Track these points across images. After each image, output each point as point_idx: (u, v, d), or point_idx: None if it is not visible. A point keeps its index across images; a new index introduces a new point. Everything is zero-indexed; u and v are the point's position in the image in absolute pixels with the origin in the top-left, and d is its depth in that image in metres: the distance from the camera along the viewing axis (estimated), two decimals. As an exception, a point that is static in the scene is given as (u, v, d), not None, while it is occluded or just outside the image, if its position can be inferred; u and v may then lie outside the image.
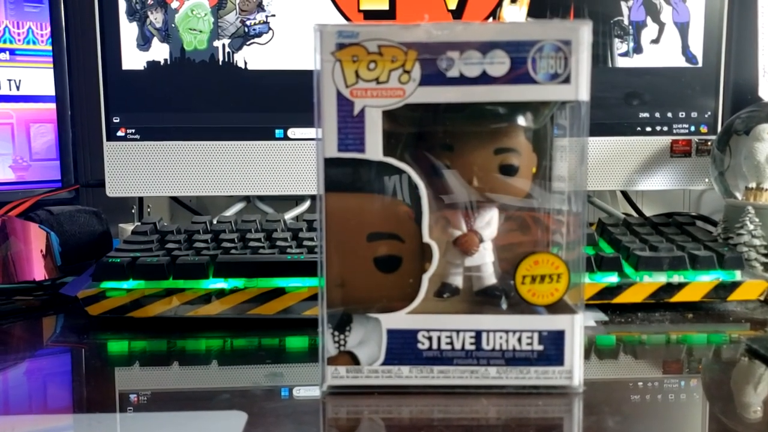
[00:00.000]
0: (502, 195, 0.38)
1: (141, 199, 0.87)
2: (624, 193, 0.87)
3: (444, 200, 0.38)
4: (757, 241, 0.58)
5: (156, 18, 0.75)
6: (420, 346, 0.37)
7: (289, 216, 0.80)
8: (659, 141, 0.77)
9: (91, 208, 0.71)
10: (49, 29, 0.81)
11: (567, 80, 0.35)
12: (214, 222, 0.67)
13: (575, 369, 0.37)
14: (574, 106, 0.36)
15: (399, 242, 0.36)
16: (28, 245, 0.60)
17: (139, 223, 0.71)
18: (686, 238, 0.60)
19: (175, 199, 0.89)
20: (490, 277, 0.39)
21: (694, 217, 0.69)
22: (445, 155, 0.38)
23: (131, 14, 0.75)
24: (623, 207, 0.88)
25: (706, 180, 0.77)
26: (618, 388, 0.40)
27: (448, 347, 0.37)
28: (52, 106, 0.82)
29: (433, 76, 0.35)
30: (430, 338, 0.37)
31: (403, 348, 0.37)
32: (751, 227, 0.58)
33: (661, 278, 0.53)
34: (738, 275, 0.54)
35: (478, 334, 0.37)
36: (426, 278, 0.37)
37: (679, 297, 0.53)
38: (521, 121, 0.38)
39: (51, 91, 0.82)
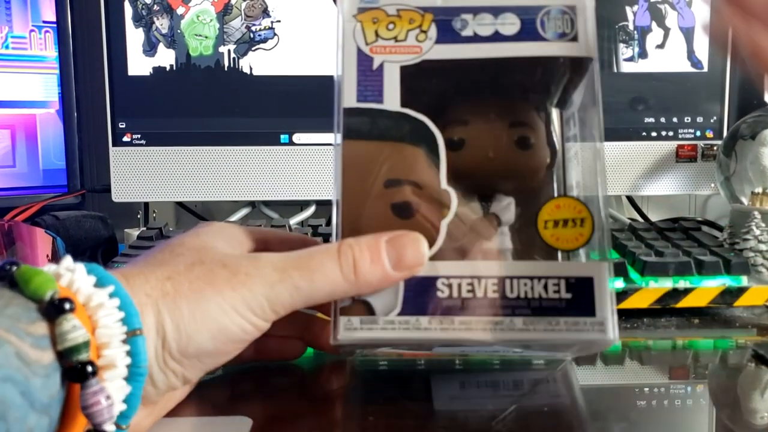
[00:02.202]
0: (520, 167, 0.37)
1: (146, 204, 0.87)
2: (629, 198, 0.87)
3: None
4: (763, 246, 0.58)
5: (162, 24, 0.76)
6: (440, 294, 0.35)
7: (294, 221, 0.80)
8: (665, 146, 0.77)
9: (97, 213, 0.71)
10: (6, 31, 0.81)
11: (575, 38, 0.36)
12: (220, 227, 0.67)
13: (608, 320, 0.34)
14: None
15: (416, 188, 0.36)
16: (35, 250, 0.60)
17: (144, 228, 0.71)
18: (692, 244, 0.60)
19: (180, 204, 0.89)
20: None
21: (699, 222, 0.69)
22: (460, 130, 0.37)
23: (137, 20, 0.76)
24: (628, 212, 0.88)
25: (712, 185, 0.77)
26: (624, 394, 0.39)
27: (469, 295, 0.34)
28: (10, 111, 0.82)
29: (448, 35, 0.36)
30: (450, 285, 0.35)
31: (421, 296, 0.35)
32: (758, 232, 0.58)
33: (666, 284, 0.53)
34: (744, 281, 0.54)
35: (501, 281, 0.35)
36: (444, 224, 0.35)
37: (685, 302, 0.53)
38: (533, 98, 0.38)
39: (6, 95, 0.82)
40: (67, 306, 0.26)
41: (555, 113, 0.38)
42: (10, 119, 0.82)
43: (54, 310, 0.26)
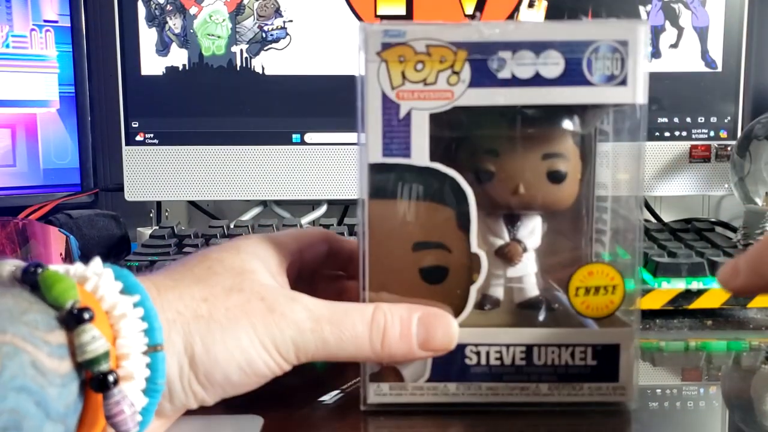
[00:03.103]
0: (550, 203, 0.36)
1: (159, 203, 0.87)
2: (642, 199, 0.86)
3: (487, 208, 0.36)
4: (777, 248, 0.57)
5: (175, 24, 0.76)
6: (468, 361, 0.35)
7: (305, 220, 0.80)
8: (678, 146, 0.77)
9: (110, 212, 0.71)
10: (6, 30, 0.81)
11: (623, 82, 0.33)
12: (231, 226, 0.67)
13: (630, 385, 0.35)
14: (619, 110, 0.35)
15: (446, 252, 0.35)
16: (48, 248, 0.61)
17: (157, 227, 0.72)
18: (705, 245, 0.59)
19: (192, 203, 0.90)
20: (532, 289, 0.37)
21: (713, 223, 0.69)
22: (490, 160, 0.36)
23: (150, 20, 0.76)
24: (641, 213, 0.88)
25: (726, 185, 0.77)
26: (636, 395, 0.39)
27: (497, 363, 0.35)
28: (10, 110, 0.82)
29: (483, 78, 0.33)
30: (478, 353, 0.35)
31: (449, 364, 0.35)
32: (772, 233, 0.58)
33: (679, 285, 0.53)
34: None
35: (528, 349, 0.35)
36: (474, 290, 0.35)
37: (698, 304, 0.53)
38: (569, 125, 0.36)
39: (6, 95, 0.82)
40: (86, 316, 0.26)
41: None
42: (11, 118, 0.82)
43: (73, 319, 0.26)
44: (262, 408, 0.36)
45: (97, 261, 0.29)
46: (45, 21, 0.84)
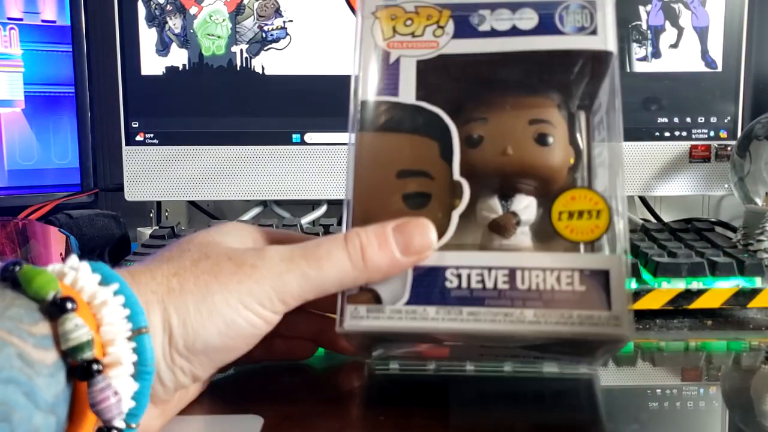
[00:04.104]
0: (538, 165, 0.37)
1: (159, 203, 0.88)
2: (642, 199, 0.86)
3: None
4: (777, 248, 0.57)
5: (175, 24, 0.76)
6: (448, 284, 0.34)
7: (305, 220, 0.80)
8: (678, 146, 0.77)
9: (110, 212, 0.71)
10: None
11: (594, 32, 0.36)
12: (231, 226, 0.67)
13: (624, 315, 0.33)
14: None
15: (429, 179, 0.36)
16: (48, 248, 0.61)
17: (157, 227, 0.72)
18: (705, 245, 0.59)
19: (192, 203, 0.90)
20: None
21: (713, 223, 0.69)
22: (479, 127, 0.37)
23: (150, 20, 0.76)
24: (641, 212, 0.88)
25: (726, 185, 0.77)
26: (636, 395, 0.39)
27: (479, 286, 0.33)
28: None
29: (465, 30, 0.37)
30: (459, 276, 0.34)
31: (429, 287, 0.34)
32: (772, 233, 0.58)
33: (679, 285, 0.53)
34: (758, 282, 0.53)
35: (512, 272, 0.33)
36: (456, 214, 0.35)
37: (698, 304, 0.53)
38: (554, 95, 0.37)
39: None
40: (69, 305, 0.26)
41: (582, 116, 0.37)
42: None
43: (56, 309, 0.26)
44: (262, 408, 0.36)
45: (73, 257, 0.30)
46: (9, 19, 0.82)
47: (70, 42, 0.87)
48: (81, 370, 0.26)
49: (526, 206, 0.37)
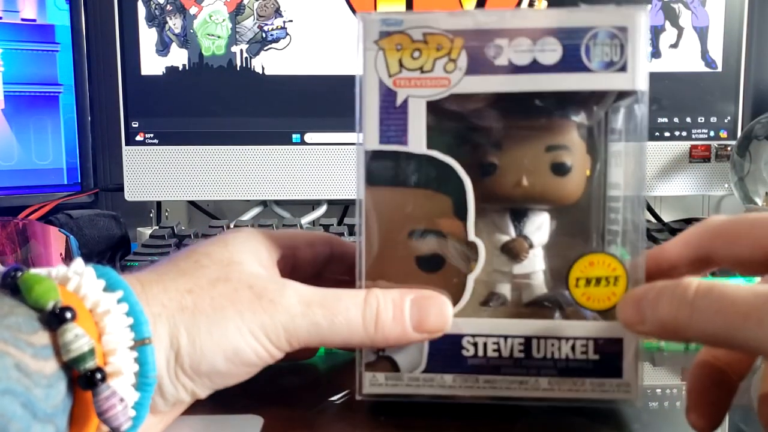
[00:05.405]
0: (554, 196, 0.35)
1: (159, 203, 0.88)
2: (642, 199, 0.86)
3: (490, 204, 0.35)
4: (777, 248, 0.57)
5: (175, 24, 0.76)
6: (465, 353, 0.34)
7: (305, 220, 0.80)
8: (678, 146, 0.77)
9: (110, 212, 0.71)
10: None
11: (623, 68, 0.32)
12: (231, 226, 0.67)
13: (635, 381, 0.34)
14: (629, 109, 0.34)
15: (442, 239, 0.34)
16: (48, 248, 0.61)
17: (157, 227, 0.72)
18: (705, 244, 0.59)
19: (192, 203, 0.90)
20: (540, 287, 0.36)
21: (713, 223, 0.69)
22: (492, 153, 0.35)
23: (150, 20, 0.76)
24: (641, 212, 0.88)
25: (726, 185, 0.77)
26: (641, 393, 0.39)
27: (495, 355, 0.34)
28: None
29: (480, 65, 0.33)
30: (475, 344, 0.34)
31: (446, 355, 0.34)
32: (772, 233, 0.58)
33: (679, 285, 0.53)
34: (758, 281, 0.53)
35: (527, 341, 0.34)
36: (471, 279, 0.34)
37: (698, 304, 0.52)
38: (573, 116, 0.35)
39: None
40: (68, 315, 0.26)
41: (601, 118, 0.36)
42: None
43: (55, 319, 0.26)
44: (262, 408, 0.36)
45: (78, 261, 0.29)
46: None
47: (51, 41, 0.86)
48: (84, 379, 0.26)
49: (538, 227, 0.36)
